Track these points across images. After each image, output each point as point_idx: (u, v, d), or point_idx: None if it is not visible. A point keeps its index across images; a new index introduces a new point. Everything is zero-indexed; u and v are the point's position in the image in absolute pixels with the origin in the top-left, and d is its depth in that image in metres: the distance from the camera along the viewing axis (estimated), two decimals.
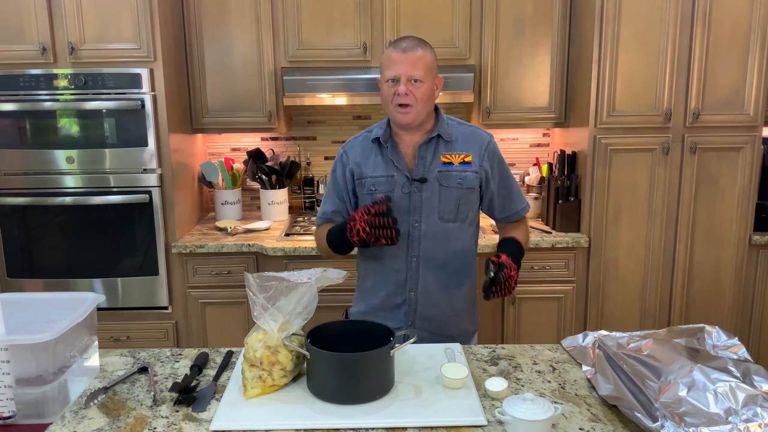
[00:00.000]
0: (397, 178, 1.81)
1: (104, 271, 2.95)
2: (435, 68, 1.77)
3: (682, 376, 1.38)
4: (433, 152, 1.81)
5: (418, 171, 1.81)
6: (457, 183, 1.80)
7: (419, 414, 1.34)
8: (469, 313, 1.93)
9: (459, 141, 1.83)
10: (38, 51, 2.77)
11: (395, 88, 1.72)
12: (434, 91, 1.78)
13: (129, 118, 2.82)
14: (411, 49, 1.72)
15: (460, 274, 1.87)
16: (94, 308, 1.55)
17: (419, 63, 1.71)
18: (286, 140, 3.51)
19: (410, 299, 1.85)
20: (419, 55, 1.72)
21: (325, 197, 1.96)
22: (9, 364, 1.34)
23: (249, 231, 3.11)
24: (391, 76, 1.73)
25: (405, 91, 1.71)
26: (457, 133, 1.84)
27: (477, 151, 1.83)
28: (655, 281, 2.99)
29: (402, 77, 1.71)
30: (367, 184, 1.84)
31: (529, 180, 3.41)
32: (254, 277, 1.43)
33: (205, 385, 1.51)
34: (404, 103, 1.72)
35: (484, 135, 1.87)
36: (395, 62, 1.72)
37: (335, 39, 3.06)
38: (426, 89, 1.73)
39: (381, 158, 1.84)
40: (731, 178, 2.91)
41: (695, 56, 2.81)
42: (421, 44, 1.75)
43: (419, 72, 1.71)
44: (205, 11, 3.04)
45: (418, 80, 1.71)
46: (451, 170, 1.80)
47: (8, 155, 2.86)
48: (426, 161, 1.81)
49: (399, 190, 1.81)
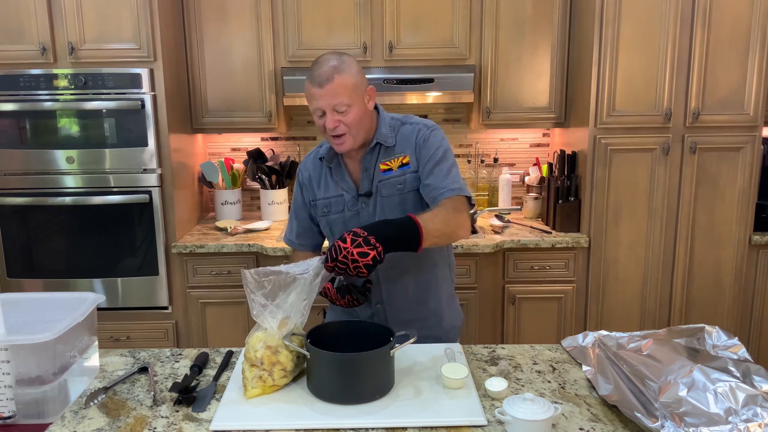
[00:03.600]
0: (346, 197, 1.75)
1: (104, 271, 2.95)
2: (359, 84, 1.64)
3: (682, 376, 1.38)
4: (375, 161, 1.73)
5: (363, 185, 1.74)
6: (396, 190, 1.72)
7: (419, 414, 1.34)
8: (448, 308, 1.86)
9: (398, 143, 1.74)
10: (38, 51, 2.77)
11: (323, 120, 1.63)
12: (366, 106, 1.67)
13: (129, 118, 2.82)
14: (328, 80, 1.59)
15: (428, 277, 1.80)
16: (94, 308, 1.55)
17: (339, 91, 1.59)
18: (286, 140, 3.51)
19: (378, 311, 1.80)
20: (337, 84, 1.59)
21: (289, 220, 1.90)
22: (9, 364, 1.34)
23: (249, 231, 3.11)
24: (316, 111, 1.64)
25: (333, 124, 1.62)
26: (399, 134, 1.74)
27: (411, 147, 1.73)
28: (655, 281, 2.99)
29: (326, 110, 1.62)
30: (319, 206, 1.79)
31: (529, 180, 3.41)
32: (251, 274, 1.42)
33: (205, 385, 1.51)
34: (337, 134, 1.65)
35: (421, 129, 1.74)
36: (315, 97, 1.61)
37: (335, 39, 3.06)
38: (355, 113, 1.63)
39: (330, 178, 1.78)
40: (731, 178, 2.91)
41: (695, 56, 2.81)
42: (337, 69, 1.60)
43: (341, 99, 1.60)
44: (205, 11, 3.04)
45: (343, 108, 1.61)
46: (390, 177, 1.72)
47: (8, 155, 2.86)
48: (370, 173, 1.73)
49: (347, 209, 1.75)
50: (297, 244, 1.90)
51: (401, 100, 3.10)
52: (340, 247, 1.41)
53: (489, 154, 3.50)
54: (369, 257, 1.41)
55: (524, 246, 2.92)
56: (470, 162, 3.49)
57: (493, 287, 2.98)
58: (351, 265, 1.41)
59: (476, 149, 3.49)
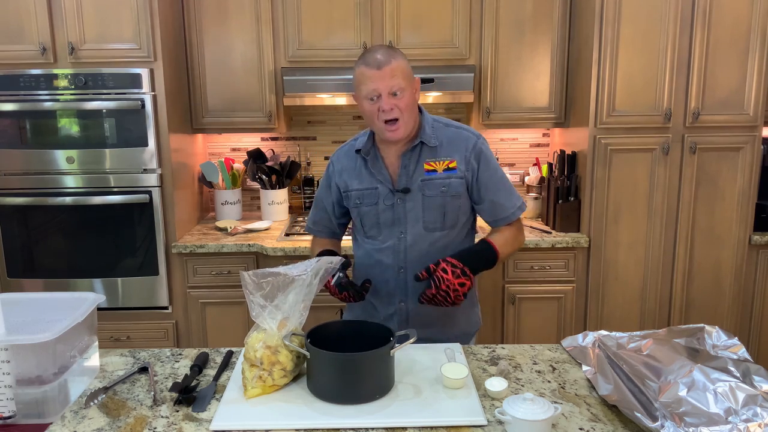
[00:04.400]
0: (381, 190, 1.77)
1: (104, 271, 2.95)
2: (411, 72, 1.70)
3: (682, 376, 1.38)
4: (417, 160, 1.75)
5: (401, 181, 1.75)
6: (440, 191, 1.74)
7: (419, 414, 1.34)
8: (465, 315, 1.89)
9: (443, 146, 1.76)
10: (38, 51, 2.77)
11: (378, 104, 1.65)
12: (414, 96, 1.71)
13: (129, 118, 2.82)
14: (386, 62, 1.63)
15: None
16: (94, 308, 1.55)
17: (396, 73, 1.63)
18: (286, 140, 3.51)
19: (401, 309, 1.82)
20: (395, 66, 1.63)
21: (313, 206, 1.97)
22: (9, 364, 1.34)
23: (249, 231, 3.11)
24: (370, 94, 1.65)
25: (390, 105, 1.64)
26: (443, 136, 1.77)
27: (462, 154, 1.75)
28: (655, 281, 2.99)
29: (383, 93, 1.64)
30: (352, 197, 1.81)
31: (529, 180, 3.42)
32: (250, 276, 1.42)
33: (205, 385, 1.51)
34: (391, 119, 1.66)
35: (470, 137, 1.78)
36: (372, 79, 1.63)
37: (335, 39, 3.06)
38: (408, 98, 1.67)
39: (365, 170, 1.79)
40: (731, 178, 2.91)
41: (695, 56, 2.81)
42: (393, 54, 1.66)
43: (399, 83, 1.64)
44: (205, 11, 3.04)
45: (398, 92, 1.64)
46: (434, 178, 1.74)
47: (8, 155, 2.86)
48: (409, 170, 1.75)
49: (382, 202, 1.77)
50: (314, 230, 1.98)
51: None
52: (443, 279, 1.56)
53: None
54: (466, 287, 1.59)
55: (524, 246, 2.90)
56: None
57: (493, 287, 2.98)
58: (452, 294, 1.57)
59: None
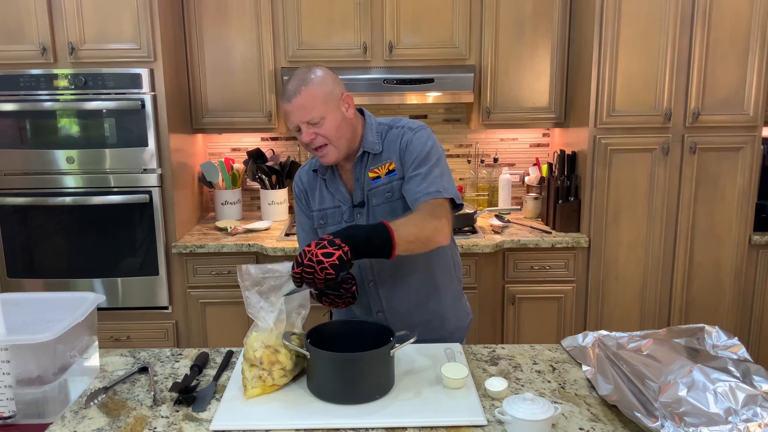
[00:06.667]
0: (343, 207, 1.72)
1: (104, 271, 2.95)
2: (331, 93, 1.60)
3: (682, 376, 1.38)
4: (365, 170, 1.69)
5: (356, 195, 1.70)
6: (385, 198, 1.67)
7: (419, 414, 1.34)
8: (452, 310, 1.84)
9: (385, 149, 1.69)
10: (38, 51, 2.77)
11: (301, 135, 1.61)
12: (343, 114, 1.63)
13: (129, 118, 2.82)
14: (295, 93, 1.57)
15: (427, 281, 1.76)
16: (94, 308, 1.55)
17: (308, 103, 1.57)
18: (286, 140, 3.51)
19: (380, 319, 1.78)
20: (305, 96, 1.57)
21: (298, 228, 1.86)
22: (9, 364, 1.34)
23: (249, 231, 3.11)
24: (292, 126, 1.62)
25: (310, 136, 1.59)
26: (386, 140, 1.69)
27: (396, 154, 1.67)
28: (655, 281, 2.99)
29: (299, 124, 1.59)
30: (315, 218, 1.77)
31: (529, 180, 3.42)
32: (248, 268, 1.42)
33: (205, 385, 1.51)
34: (318, 146, 1.62)
35: (405, 132, 1.68)
36: (288, 113, 1.60)
37: (335, 39, 3.06)
38: (331, 123, 1.59)
39: (325, 189, 1.75)
40: (731, 178, 2.91)
41: (695, 56, 2.81)
42: (304, 81, 1.58)
43: (313, 113, 1.57)
44: (205, 11, 3.04)
45: (317, 120, 1.58)
46: (378, 185, 1.68)
47: (8, 155, 2.86)
48: (362, 182, 1.69)
49: (343, 220, 1.72)
50: None
51: (401, 101, 3.10)
52: (305, 251, 1.37)
53: (489, 154, 3.50)
54: (334, 257, 1.35)
55: (524, 246, 2.92)
56: (470, 162, 3.49)
57: (493, 287, 2.98)
58: (317, 267, 1.35)
59: (476, 149, 3.49)
